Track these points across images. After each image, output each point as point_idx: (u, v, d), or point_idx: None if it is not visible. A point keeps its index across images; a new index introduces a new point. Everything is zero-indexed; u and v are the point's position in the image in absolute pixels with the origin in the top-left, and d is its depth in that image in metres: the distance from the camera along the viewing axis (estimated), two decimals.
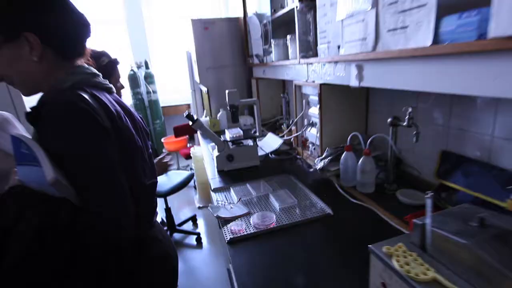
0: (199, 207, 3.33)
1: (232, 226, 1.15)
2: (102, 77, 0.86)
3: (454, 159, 1.13)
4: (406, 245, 0.65)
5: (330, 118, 1.58)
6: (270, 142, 2.16)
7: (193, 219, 3.01)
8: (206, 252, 2.56)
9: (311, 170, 1.55)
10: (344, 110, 1.60)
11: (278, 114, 2.91)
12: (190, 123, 1.68)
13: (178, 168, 4.52)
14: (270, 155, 2.02)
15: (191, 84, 4.29)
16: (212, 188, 1.53)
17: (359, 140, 1.43)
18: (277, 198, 1.35)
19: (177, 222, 2.82)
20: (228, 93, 1.75)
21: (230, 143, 1.81)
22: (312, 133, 1.79)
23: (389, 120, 1.23)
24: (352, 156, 1.34)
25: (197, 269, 2.36)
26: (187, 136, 4.32)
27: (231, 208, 1.29)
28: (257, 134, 1.85)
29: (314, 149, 1.77)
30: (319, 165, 1.47)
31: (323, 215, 1.19)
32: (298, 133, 1.97)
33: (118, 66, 1.48)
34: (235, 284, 0.91)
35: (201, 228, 2.97)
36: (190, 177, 2.84)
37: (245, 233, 1.11)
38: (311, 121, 1.81)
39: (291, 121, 2.30)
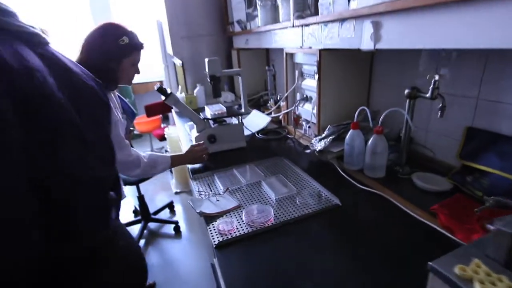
0: (176, 193, 3.07)
1: (220, 224, 0.92)
2: (114, 56, 0.81)
3: (484, 137, 0.95)
4: (482, 261, 0.45)
5: (330, 91, 1.36)
6: (256, 120, 1.92)
7: (170, 206, 2.75)
8: (185, 242, 2.34)
9: (308, 151, 1.34)
10: (345, 82, 1.37)
11: (262, 89, 2.65)
12: (163, 98, 1.38)
13: (152, 151, 4.17)
14: (256, 134, 1.78)
15: (163, 58, 3.86)
16: (192, 176, 1.28)
17: (363, 117, 1.22)
18: (271, 186, 1.13)
19: (152, 210, 2.55)
20: (208, 62, 1.46)
21: (211, 122, 1.55)
22: (306, 109, 1.56)
23: (406, 91, 1.02)
24: (359, 135, 1.14)
25: (176, 261, 2.14)
26: (160, 115, 3.95)
27: (217, 200, 1.05)
28: (243, 110, 1.59)
29: (309, 127, 1.55)
30: (318, 145, 1.25)
31: (329, 207, 0.98)
32: (289, 109, 1.73)
33: (142, 52, 1.20)
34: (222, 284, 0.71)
35: (179, 215, 2.72)
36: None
37: (237, 233, 0.88)
38: (304, 95, 1.58)
39: (278, 96, 2.06)
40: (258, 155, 1.47)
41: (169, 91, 1.37)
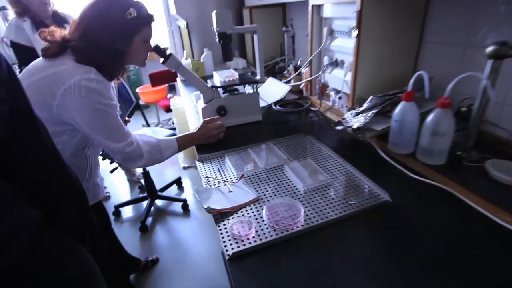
0: (184, 168, 2.90)
1: (235, 225, 0.70)
2: (121, 35, 0.83)
3: None
4: None
5: (371, 52, 1.07)
6: (273, 90, 1.65)
7: (178, 182, 2.59)
8: (194, 221, 2.20)
9: (339, 127, 1.09)
10: (390, 40, 1.07)
11: (277, 55, 2.33)
12: (161, 60, 1.12)
13: (158, 124, 3.97)
14: (273, 106, 1.53)
15: (167, 21, 3.52)
16: (198, 157, 1.05)
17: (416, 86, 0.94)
18: (297, 172, 0.90)
19: (159, 186, 2.39)
20: (216, 14, 1.17)
21: (221, 91, 1.29)
22: (336, 76, 1.28)
23: (489, 49, 0.73)
24: (413, 109, 0.87)
25: (184, 241, 2.01)
26: (166, 85, 3.69)
27: (230, 191, 0.83)
28: (259, 77, 1.33)
29: (339, 98, 1.28)
30: (355, 122, 1.00)
31: (376, 204, 0.75)
32: (313, 77, 1.45)
33: (152, 25, 0.98)
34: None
35: (188, 191, 2.57)
36: (172, 136, 2.34)
37: (257, 239, 0.67)
38: (334, 59, 1.29)
39: (299, 62, 1.76)
40: (277, 131, 1.23)
41: (168, 51, 1.10)
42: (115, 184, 2.71)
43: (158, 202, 2.40)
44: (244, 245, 0.65)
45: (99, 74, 0.89)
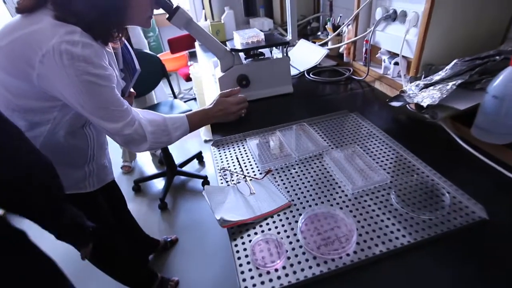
0: (205, 141, 2.74)
1: (258, 245, 0.50)
2: None
3: None
4: None
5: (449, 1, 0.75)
6: (305, 55, 1.36)
7: (199, 156, 2.44)
8: None
9: (397, 104, 0.82)
10: None
11: (309, 13, 1.98)
12: (167, 16, 0.88)
13: (179, 93, 3.79)
14: (306, 75, 1.25)
15: None
16: (212, 140, 0.84)
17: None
18: (342, 167, 0.66)
19: (179, 161, 2.26)
20: None
21: (242, 56, 1.04)
22: (393, 34, 0.97)
23: None
24: None
25: (205, 221, 1.89)
26: (186, 51, 3.44)
27: (252, 193, 0.62)
28: (290, 37, 1.05)
29: (395, 64, 0.98)
30: (424, 96, 0.72)
31: (466, 225, 0.51)
32: (358, 36, 1.14)
33: None
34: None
35: (209, 167, 2.43)
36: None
37: (289, 274, 0.46)
38: (390, 10, 0.97)
39: (338, 19, 1.43)
40: (313, 107, 0.98)
41: (175, 4, 0.85)
42: (138, 156, 2.63)
43: (178, 178, 2.29)
44: (270, 280, 0.45)
45: (85, 35, 0.68)
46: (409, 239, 0.49)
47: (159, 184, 2.26)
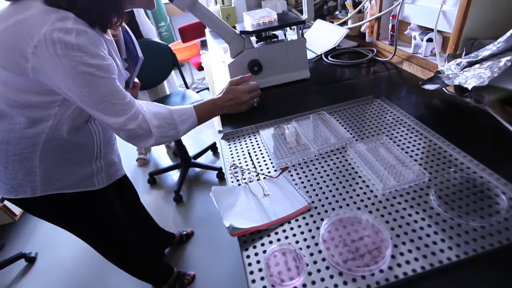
0: (219, 131, 2.68)
1: (273, 257, 0.43)
2: None
3: None
4: None
5: None
6: (323, 36, 1.25)
7: (213, 147, 2.39)
8: None
9: (431, 86, 0.71)
10: None
11: None
12: None
13: (192, 83, 3.73)
14: (324, 58, 1.14)
15: None
16: (223, 132, 0.77)
17: None
18: (369, 161, 0.57)
19: (192, 152, 2.22)
20: None
21: (253, 39, 0.95)
22: (425, 6, 0.85)
23: None
24: None
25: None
26: (198, 40, 3.35)
27: (265, 195, 0.54)
28: (306, 16, 0.94)
29: (427, 40, 0.85)
30: (467, 76, 0.61)
31: None
32: (384, 11, 1.01)
33: None
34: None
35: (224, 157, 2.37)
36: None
37: None
38: None
39: None
40: (332, 93, 0.88)
41: None
42: (153, 148, 2.61)
43: (193, 170, 2.25)
44: None
45: (80, 21, 0.61)
46: (458, 252, 0.40)
47: (174, 176, 2.23)
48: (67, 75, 0.61)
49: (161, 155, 2.51)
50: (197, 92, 3.48)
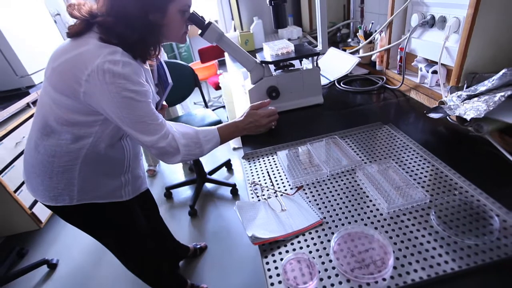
0: (234, 148, 2.77)
1: (289, 264, 0.50)
2: (154, 4, 0.69)
3: None
4: None
5: (496, 3, 0.70)
6: (336, 63, 1.34)
7: (228, 164, 2.48)
8: None
9: (436, 115, 0.78)
10: None
11: (339, 19, 1.95)
12: (199, 32, 0.91)
13: (209, 101, 3.89)
14: (337, 84, 1.23)
15: None
16: (240, 148, 0.85)
17: None
18: (376, 182, 0.64)
19: (208, 168, 2.31)
20: None
21: (272, 67, 1.05)
22: (430, 41, 0.93)
23: None
24: None
25: (233, 229, 1.91)
26: (216, 61, 3.53)
27: (283, 210, 0.62)
28: (321, 47, 1.04)
29: (433, 72, 0.93)
30: (467, 108, 0.67)
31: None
32: (392, 44, 1.10)
33: None
34: None
35: (238, 174, 2.45)
36: (218, 124, 2.19)
37: None
38: (428, 16, 0.93)
39: (370, 25, 1.39)
40: (344, 118, 0.96)
41: (207, 20, 0.88)
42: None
43: (208, 185, 2.33)
44: None
45: (126, 54, 0.73)
46: (453, 266, 0.46)
47: (187, 191, 2.32)
48: (112, 99, 0.72)
49: (174, 170, 2.62)
50: (213, 110, 3.62)
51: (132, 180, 1.00)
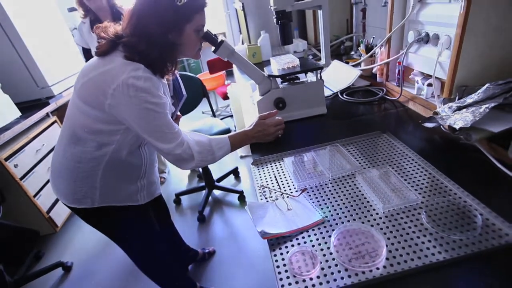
0: (241, 157, 2.85)
1: (294, 256, 0.57)
2: (172, 24, 0.79)
3: None
4: None
5: (482, 23, 0.78)
6: (339, 75, 1.42)
7: (235, 172, 2.55)
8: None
9: (430, 125, 0.84)
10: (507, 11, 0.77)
11: (342, 33, 2.04)
12: (213, 48, 1.01)
13: (216, 110, 4.00)
14: (340, 95, 1.31)
15: (224, 4, 3.43)
16: (247, 156, 0.93)
17: None
18: (374, 186, 0.71)
19: (216, 176, 2.38)
20: None
21: (279, 80, 1.13)
22: (425, 56, 1.00)
23: None
24: None
25: (240, 235, 1.97)
26: (224, 71, 3.65)
27: (289, 209, 0.69)
28: (324, 62, 1.12)
29: (428, 85, 1.00)
30: (456, 119, 0.74)
31: (499, 246, 0.53)
32: (391, 58, 1.18)
33: (205, 11, 0.89)
34: None
35: (245, 182, 2.52)
36: (227, 132, 2.28)
37: (323, 283, 0.52)
38: (423, 33, 1.01)
39: (371, 40, 1.48)
40: (346, 127, 1.03)
41: (220, 38, 0.98)
42: (176, 170, 2.81)
43: (216, 192, 2.40)
44: (306, 287, 0.51)
45: (147, 71, 0.82)
46: (439, 257, 0.52)
47: (195, 197, 2.39)
48: (134, 110, 0.80)
49: (181, 178, 2.70)
50: (221, 119, 3.72)
51: (147, 185, 1.08)
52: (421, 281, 0.50)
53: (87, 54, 1.87)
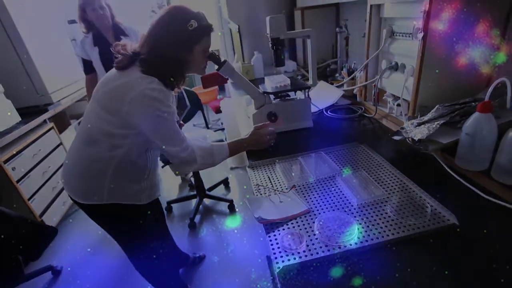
0: (231, 168, 2.97)
1: (285, 236, 0.70)
2: (184, 45, 0.92)
3: None
4: None
5: (438, 55, 0.97)
6: (324, 94, 1.60)
7: (225, 182, 2.67)
8: (240, 221, 2.24)
9: (397, 138, 1.02)
10: (464, 42, 0.97)
11: (328, 57, 2.26)
12: (216, 67, 1.16)
13: (208, 123, 4.13)
14: (325, 112, 1.48)
15: (219, 25, 3.65)
16: (248, 163, 1.07)
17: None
18: (350, 185, 0.86)
19: (207, 185, 2.49)
20: (270, 20, 1.18)
21: (272, 96, 1.30)
22: (395, 81, 1.19)
23: None
24: (490, 122, 0.77)
25: (230, 241, 2.06)
26: (216, 86, 3.82)
27: (280, 202, 0.83)
28: (311, 82, 1.30)
29: (397, 105, 1.19)
30: (416, 132, 0.92)
31: (441, 227, 0.68)
32: (368, 81, 1.37)
33: (211, 35, 1.04)
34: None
35: (234, 192, 2.63)
36: (220, 141, 2.42)
37: (308, 255, 0.65)
38: (393, 63, 1.20)
39: (352, 65, 1.69)
40: (329, 139, 1.19)
41: (223, 58, 1.14)
42: (168, 180, 2.90)
43: (206, 201, 2.50)
44: (294, 258, 0.65)
45: (160, 83, 0.96)
46: (397, 235, 0.67)
47: (186, 205, 2.48)
48: (147, 116, 0.94)
49: (171, 186, 2.79)
50: (214, 131, 3.86)
51: (150, 186, 1.18)
52: (383, 253, 0.64)
53: (87, 65, 1.98)
